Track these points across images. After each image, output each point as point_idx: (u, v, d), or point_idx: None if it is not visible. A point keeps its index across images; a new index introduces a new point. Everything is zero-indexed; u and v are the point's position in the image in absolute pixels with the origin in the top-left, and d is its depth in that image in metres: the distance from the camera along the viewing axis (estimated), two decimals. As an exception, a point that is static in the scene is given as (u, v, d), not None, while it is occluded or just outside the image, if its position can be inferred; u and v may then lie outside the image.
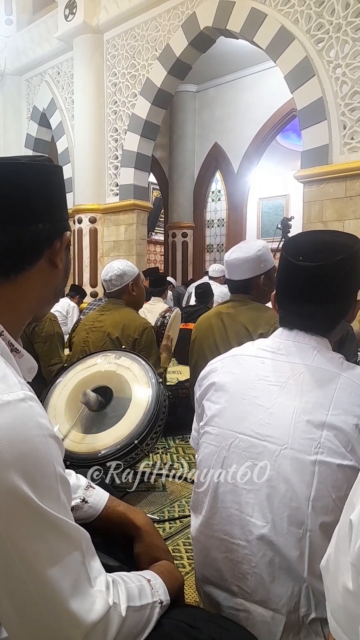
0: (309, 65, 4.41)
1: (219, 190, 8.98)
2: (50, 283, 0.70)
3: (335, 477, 0.81)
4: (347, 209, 4.26)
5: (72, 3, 6.34)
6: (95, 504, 0.91)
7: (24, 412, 0.55)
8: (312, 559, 0.81)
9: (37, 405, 0.57)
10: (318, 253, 0.95)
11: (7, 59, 7.80)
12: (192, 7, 5.41)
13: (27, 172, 0.64)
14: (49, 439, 0.56)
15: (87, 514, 0.90)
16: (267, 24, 4.71)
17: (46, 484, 0.55)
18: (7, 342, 0.65)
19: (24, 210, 0.64)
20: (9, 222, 0.63)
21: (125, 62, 6.22)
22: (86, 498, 0.91)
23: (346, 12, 4.20)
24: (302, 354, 0.96)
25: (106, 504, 0.92)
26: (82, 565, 0.59)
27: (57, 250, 0.69)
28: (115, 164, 6.50)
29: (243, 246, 1.95)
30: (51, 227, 0.67)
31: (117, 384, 1.86)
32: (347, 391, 0.88)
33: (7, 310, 0.65)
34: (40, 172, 0.66)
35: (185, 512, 1.83)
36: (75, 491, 0.91)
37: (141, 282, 2.54)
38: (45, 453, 0.55)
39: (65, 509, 0.58)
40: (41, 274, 0.67)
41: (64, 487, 0.58)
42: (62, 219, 0.70)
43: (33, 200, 0.65)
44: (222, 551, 0.94)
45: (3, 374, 0.57)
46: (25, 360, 0.69)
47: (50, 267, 0.68)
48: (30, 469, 0.53)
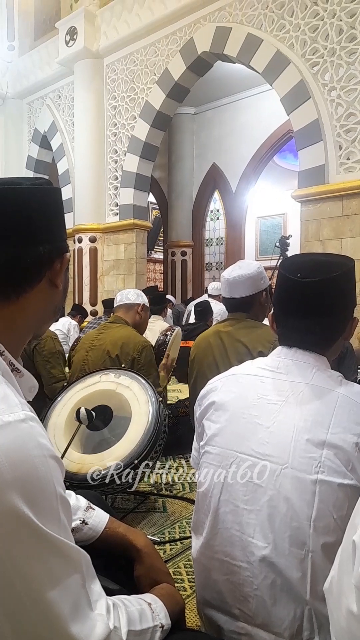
0: (305, 88, 4.51)
1: (217, 210, 9.07)
2: (50, 302, 0.71)
3: (336, 496, 0.81)
4: (344, 227, 4.30)
5: (72, 29, 6.51)
6: (95, 526, 0.91)
7: (25, 433, 0.55)
8: (314, 580, 0.80)
9: (38, 425, 0.57)
10: (315, 270, 0.98)
11: (9, 82, 7.97)
12: (190, 32, 5.55)
13: (27, 196, 0.65)
14: (49, 459, 0.56)
15: (87, 536, 0.89)
16: (263, 49, 4.82)
17: (47, 505, 0.55)
18: (8, 361, 0.65)
19: (25, 233, 0.65)
20: (10, 245, 0.64)
21: (124, 85, 6.35)
22: (86, 519, 0.90)
23: (340, 38, 4.31)
24: (301, 372, 0.96)
25: (106, 526, 0.91)
26: (82, 588, 0.58)
27: (58, 271, 0.69)
28: (115, 184, 6.59)
29: (242, 264, 1.97)
30: (52, 249, 0.68)
31: (117, 403, 1.86)
32: (346, 409, 0.88)
33: (8, 331, 0.65)
34: (40, 195, 0.67)
35: (186, 533, 1.80)
36: (75, 512, 0.90)
37: (148, 313, 2.60)
38: (45, 474, 0.55)
39: (66, 530, 0.58)
40: (41, 294, 0.68)
41: (64, 508, 0.57)
42: (61, 240, 0.71)
43: (34, 223, 0.66)
44: (223, 573, 0.92)
45: (4, 394, 0.57)
46: (26, 380, 0.69)
47: (50, 288, 0.69)
48: (31, 490, 0.53)
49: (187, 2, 5.41)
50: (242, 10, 5.03)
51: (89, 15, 6.39)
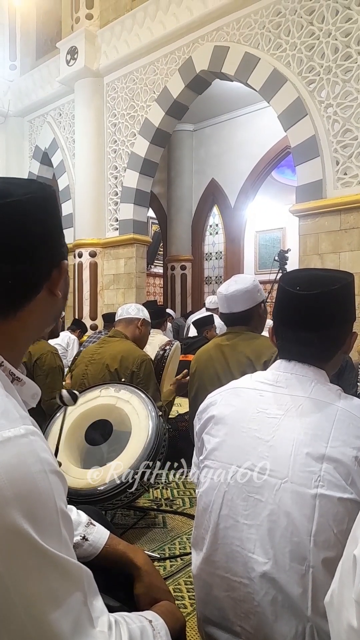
0: (302, 105, 4.58)
1: (216, 224, 9.14)
2: (49, 311, 0.69)
3: (336, 510, 0.81)
4: (342, 241, 4.33)
5: (73, 49, 6.64)
6: (96, 542, 0.90)
7: (25, 448, 0.54)
8: (316, 596, 0.79)
9: (39, 439, 0.56)
10: (314, 283, 0.99)
11: (10, 101, 8.09)
12: (189, 52, 5.66)
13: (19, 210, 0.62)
14: (50, 474, 0.55)
15: (87, 552, 0.89)
16: (260, 67, 4.91)
17: (48, 522, 0.54)
18: (8, 372, 0.64)
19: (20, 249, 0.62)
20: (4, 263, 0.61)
21: (124, 103, 6.45)
22: (86, 536, 0.90)
23: (335, 56, 4.39)
24: (300, 386, 0.97)
25: (106, 542, 0.90)
26: (83, 605, 0.58)
27: (56, 280, 0.67)
28: (115, 200, 6.65)
29: (238, 279, 1.99)
30: (49, 260, 0.66)
31: (117, 417, 1.85)
32: (345, 423, 0.88)
33: (8, 343, 0.64)
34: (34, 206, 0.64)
35: (186, 549, 1.79)
36: (75, 528, 0.89)
37: (149, 328, 2.61)
38: (46, 489, 0.54)
39: (67, 546, 0.57)
40: (41, 305, 0.66)
41: (65, 523, 0.57)
42: (59, 248, 0.68)
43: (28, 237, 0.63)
44: (223, 589, 0.92)
45: (4, 409, 0.56)
46: (28, 387, 0.67)
47: (49, 297, 0.67)
48: (32, 507, 0.52)
49: (186, 23, 5.52)
50: (239, 30, 5.13)
51: (90, 35, 6.52)
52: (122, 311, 2.58)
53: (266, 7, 4.88)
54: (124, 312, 2.56)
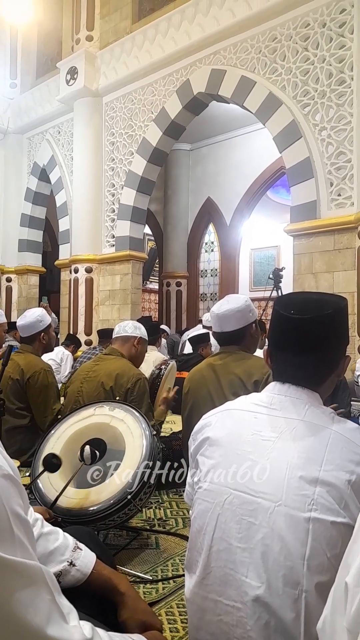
0: (296, 128, 4.68)
1: (212, 242, 9.22)
2: None
3: (329, 534, 0.81)
4: (336, 261, 4.39)
5: (73, 69, 6.76)
6: (83, 567, 0.89)
7: None
8: (308, 621, 0.79)
9: None
10: (308, 307, 1.01)
11: (10, 118, 8.20)
12: (186, 74, 5.78)
13: None
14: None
15: (74, 579, 0.87)
16: (256, 90, 5.02)
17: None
18: None
19: None
20: None
21: (122, 123, 6.56)
22: (74, 561, 0.88)
23: (330, 81, 4.50)
24: (294, 409, 0.98)
25: (93, 567, 0.90)
26: (52, 602, 0.58)
27: None
28: (112, 216, 6.71)
29: (230, 299, 2.02)
30: None
31: (111, 436, 1.85)
32: (338, 446, 0.89)
33: None
34: None
35: (179, 571, 1.77)
36: (62, 552, 0.88)
37: (145, 346, 2.61)
38: None
39: (22, 546, 0.56)
40: None
41: (19, 525, 0.57)
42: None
43: None
44: (216, 613, 0.91)
45: None
46: None
47: None
48: None
49: (184, 46, 5.66)
50: (236, 54, 5.26)
51: (89, 56, 6.65)
52: (119, 329, 2.58)
53: (262, 33, 5.01)
54: (120, 330, 2.56)
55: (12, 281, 8.41)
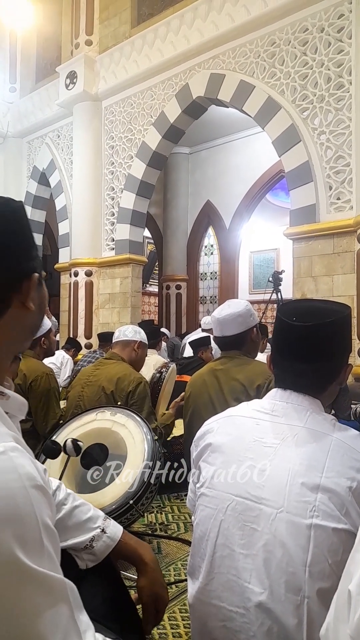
0: (295, 132, 4.69)
1: (211, 245, 9.24)
2: (25, 325, 0.69)
3: (331, 541, 0.82)
4: (336, 265, 4.40)
5: (72, 73, 6.78)
6: (113, 535, 0.96)
7: (4, 465, 0.55)
8: (311, 627, 0.80)
9: (19, 454, 0.57)
10: (310, 315, 1.01)
11: (9, 122, 8.22)
12: (185, 78, 5.80)
13: None
14: (31, 489, 0.56)
15: (105, 544, 0.94)
16: (255, 95, 5.04)
17: (29, 537, 0.54)
18: None
19: None
20: None
21: (122, 127, 6.58)
22: (105, 528, 0.96)
23: (328, 85, 4.52)
24: (295, 415, 0.99)
25: (121, 537, 0.97)
26: (70, 619, 0.58)
27: (27, 293, 0.67)
28: (111, 220, 6.72)
29: (231, 304, 2.03)
30: (14, 273, 0.65)
31: (113, 441, 1.85)
32: (339, 453, 0.90)
33: None
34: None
35: (181, 576, 1.77)
36: (95, 521, 0.96)
37: (146, 350, 2.61)
38: (26, 505, 0.54)
39: (50, 559, 0.57)
40: (13, 319, 0.66)
41: (49, 537, 0.57)
42: (28, 260, 0.68)
43: None
44: (219, 619, 0.92)
45: None
46: (13, 400, 0.68)
47: (22, 310, 0.67)
48: (13, 524, 0.53)
49: (183, 50, 5.68)
50: (234, 59, 5.28)
51: (89, 60, 6.67)
52: (119, 333, 2.59)
53: (261, 37, 5.03)
54: (121, 334, 2.57)
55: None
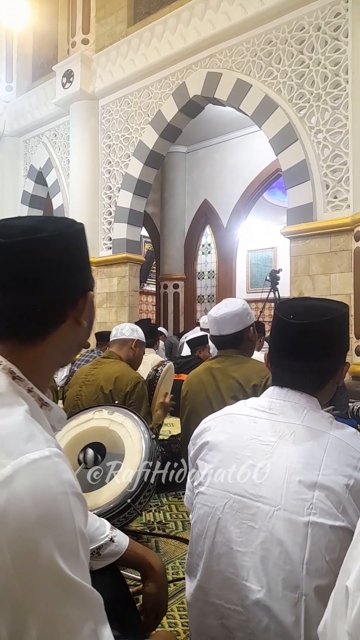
0: (292, 131, 4.70)
1: (209, 244, 9.24)
2: (74, 339, 0.73)
3: (328, 538, 0.82)
4: (333, 263, 4.40)
5: (69, 72, 6.77)
6: (120, 544, 0.97)
7: (49, 470, 0.56)
8: (308, 625, 0.80)
9: (62, 461, 0.58)
10: (307, 313, 1.01)
11: (6, 121, 8.20)
12: (182, 77, 5.80)
13: (48, 246, 0.65)
14: (71, 496, 0.57)
15: (112, 552, 0.96)
16: (252, 93, 5.04)
17: (67, 544, 0.55)
18: (37, 397, 0.67)
19: (47, 280, 0.66)
20: (33, 295, 0.65)
21: (119, 126, 6.57)
22: (113, 537, 0.97)
23: (325, 84, 4.53)
24: (292, 413, 0.99)
25: (128, 546, 0.99)
26: (93, 634, 0.57)
27: (82, 310, 0.71)
28: (108, 219, 6.72)
29: (228, 303, 2.03)
30: (74, 290, 0.70)
31: (110, 440, 1.85)
32: (337, 451, 0.90)
33: (34, 370, 0.68)
34: (62, 242, 0.67)
35: (179, 574, 1.77)
36: (104, 531, 0.97)
37: (143, 349, 2.61)
38: (66, 511, 0.55)
39: (84, 568, 0.57)
40: (66, 333, 0.70)
41: (83, 544, 0.57)
42: (85, 280, 0.72)
43: (55, 271, 0.67)
44: (217, 617, 0.92)
45: (30, 433, 0.58)
46: (55, 412, 0.71)
47: (74, 325, 0.71)
48: (54, 529, 0.53)
49: (180, 49, 5.67)
50: (231, 57, 5.28)
51: (85, 59, 6.66)
52: (116, 332, 2.59)
53: (258, 36, 5.03)
54: (117, 333, 2.57)
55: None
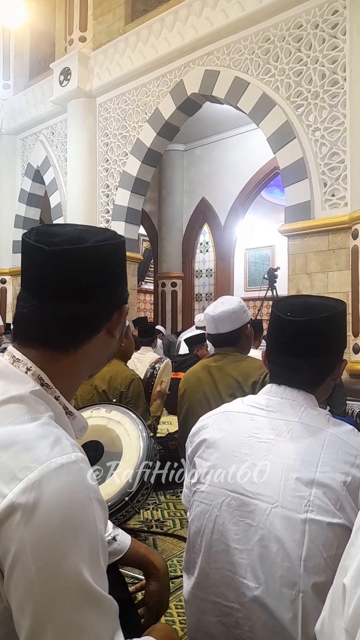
0: (290, 129, 4.69)
1: (206, 242, 9.23)
2: (105, 350, 0.73)
3: (325, 535, 0.82)
4: (330, 261, 4.41)
5: (66, 70, 6.75)
6: (122, 543, 0.98)
7: (76, 475, 0.56)
8: (306, 621, 0.80)
9: (87, 466, 0.59)
10: (304, 310, 1.01)
11: (3, 119, 8.18)
12: (180, 75, 5.78)
13: (92, 255, 0.66)
14: (94, 502, 0.57)
15: (115, 551, 0.96)
16: (249, 91, 5.04)
17: (90, 551, 0.54)
18: (63, 405, 0.68)
19: (88, 291, 0.67)
20: (72, 303, 0.65)
21: (116, 124, 6.55)
22: (116, 537, 0.98)
23: (322, 82, 4.52)
24: (290, 411, 0.98)
25: (130, 545, 1.00)
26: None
27: (116, 322, 0.71)
28: (106, 217, 6.71)
29: (224, 301, 2.03)
30: (112, 303, 0.70)
31: (108, 438, 1.85)
32: (334, 448, 0.90)
33: (64, 378, 0.68)
34: (105, 253, 0.68)
35: (177, 572, 1.78)
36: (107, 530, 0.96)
37: (130, 333, 2.59)
38: (90, 517, 0.55)
39: (104, 576, 0.56)
40: (98, 344, 0.70)
41: (103, 550, 0.57)
42: (122, 293, 0.73)
43: (96, 281, 0.67)
44: (215, 615, 0.92)
45: (56, 437, 0.59)
46: (78, 421, 0.72)
47: (107, 337, 0.71)
48: (77, 535, 0.53)
49: (177, 47, 5.65)
50: (229, 55, 5.27)
51: (83, 57, 6.64)
52: None
53: (255, 34, 5.02)
54: None
55: (7, 283, 8.39)
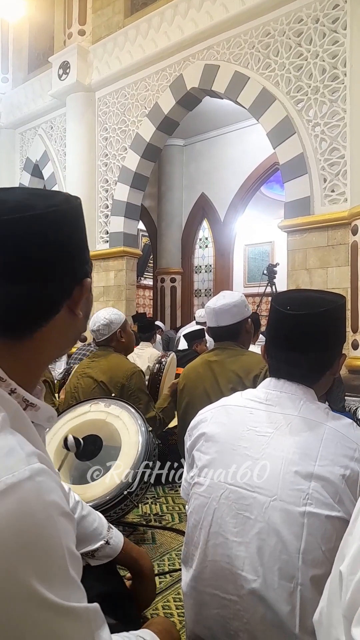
0: (290, 124, 4.68)
1: (206, 238, 9.22)
2: (69, 332, 0.64)
3: (324, 528, 0.82)
4: (330, 257, 4.40)
5: (65, 64, 6.71)
6: (115, 545, 0.99)
7: (30, 494, 0.49)
8: (304, 614, 0.81)
9: (47, 478, 0.52)
10: (304, 304, 1.01)
11: (2, 113, 8.14)
12: (180, 69, 5.75)
13: (41, 225, 0.56)
14: (57, 518, 0.51)
15: (107, 554, 0.98)
16: (249, 86, 5.01)
17: (55, 570, 0.51)
18: (21, 398, 0.59)
19: (38, 267, 0.57)
20: (20, 283, 0.56)
21: (116, 118, 6.53)
22: (109, 540, 0.99)
23: (323, 77, 4.50)
24: (289, 404, 0.99)
25: (122, 547, 1.00)
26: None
27: (78, 299, 0.63)
28: (105, 212, 6.69)
29: (226, 294, 2.03)
30: (70, 277, 0.61)
31: (107, 432, 1.85)
32: (333, 441, 0.90)
33: (21, 368, 0.59)
34: (56, 221, 0.58)
35: (175, 566, 1.78)
36: (100, 532, 0.99)
37: (129, 327, 2.58)
38: (53, 536, 0.51)
39: (75, 587, 0.54)
40: (59, 325, 0.61)
41: (73, 564, 0.53)
42: (82, 265, 0.63)
43: (50, 253, 0.57)
44: (213, 607, 0.92)
45: (9, 449, 0.51)
46: (43, 411, 0.63)
47: (69, 316, 0.62)
48: (38, 559, 0.49)
49: (177, 41, 5.62)
50: (229, 49, 5.24)
51: (82, 51, 6.60)
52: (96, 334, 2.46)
53: (255, 28, 5.00)
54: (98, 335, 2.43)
55: None
